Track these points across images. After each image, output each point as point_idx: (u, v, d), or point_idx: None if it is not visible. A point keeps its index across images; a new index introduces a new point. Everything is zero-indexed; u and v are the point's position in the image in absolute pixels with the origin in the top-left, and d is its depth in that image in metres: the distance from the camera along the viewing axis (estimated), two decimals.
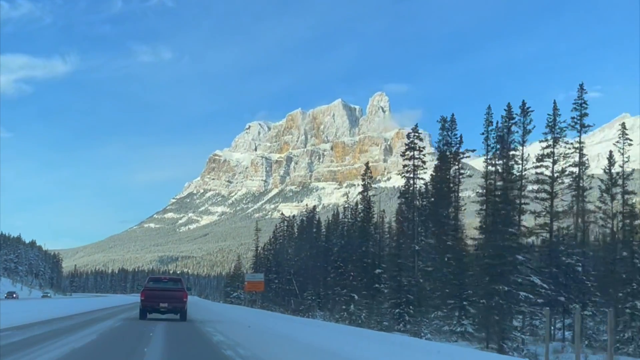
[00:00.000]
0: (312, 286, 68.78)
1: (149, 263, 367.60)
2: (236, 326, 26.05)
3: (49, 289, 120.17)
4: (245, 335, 20.85)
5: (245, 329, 24.14)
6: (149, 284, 29.61)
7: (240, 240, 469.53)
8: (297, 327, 27.51)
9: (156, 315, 28.85)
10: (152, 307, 27.95)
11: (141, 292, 28.73)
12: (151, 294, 28.00)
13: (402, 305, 38.67)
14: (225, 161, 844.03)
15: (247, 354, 14.10)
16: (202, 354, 14.37)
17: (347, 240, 59.15)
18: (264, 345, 16.89)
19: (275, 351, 15.53)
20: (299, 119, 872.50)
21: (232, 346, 15.92)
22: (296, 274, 78.34)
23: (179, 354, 14.15)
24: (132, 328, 22.09)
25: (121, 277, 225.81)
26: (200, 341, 17.61)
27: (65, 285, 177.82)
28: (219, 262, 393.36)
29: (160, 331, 20.56)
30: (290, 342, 18.96)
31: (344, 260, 55.93)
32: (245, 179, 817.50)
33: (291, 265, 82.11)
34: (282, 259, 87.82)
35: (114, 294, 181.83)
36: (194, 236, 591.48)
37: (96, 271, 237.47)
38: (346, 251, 57.14)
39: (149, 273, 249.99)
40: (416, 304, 39.10)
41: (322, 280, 66.55)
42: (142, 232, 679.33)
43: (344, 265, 55.64)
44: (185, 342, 17.00)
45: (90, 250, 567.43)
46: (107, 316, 30.60)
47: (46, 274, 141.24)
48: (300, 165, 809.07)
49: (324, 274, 66.57)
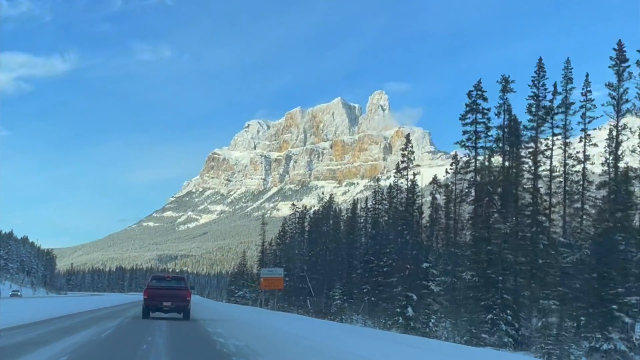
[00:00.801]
0: (334, 284, 60.51)
1: (147, 262, 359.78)
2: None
3: (41, 288, 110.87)
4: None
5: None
6: (152, 282, 29.39)
7: (239, 239, 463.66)
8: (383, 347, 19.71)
9: (159, 314, 28.46)
10: (155, 306, 27.79)
11: (144, 290, 28.55)
12: (154, 293, 27.81)
13: (495, 309, 29.77)
14: (225, 160, 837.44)
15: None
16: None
17: (381, 230, 51.43)
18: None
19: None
20: (299, 117, 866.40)
21: None
22: (310, 271, 70.29)
23: None
24: (127, 336, 18.11)
25: (119, 275, 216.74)
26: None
27: (61, 283, 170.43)
28: (219, 261, 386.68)
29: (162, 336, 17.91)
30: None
31: (375, 254, 48.25)
32: (244, 177, 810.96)
33: (304, 260, 74.31)
34: (293, 254, 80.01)
35: (111, 292, 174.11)
36: (193, 235, 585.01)
37: (93, 269, 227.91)
38: (378, 243, 49.53)
39: (148, 271, 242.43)
40: (514, 307, 30.14)
41: (347, 277, 58.49)
42: (141, 230, 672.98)
43: (375, 259, 47.96)
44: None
45: (88, 248, 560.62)
46: (90, 322, 24.36)
47: (39, 272, 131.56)
48: (300, 164, 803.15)
49: (348, 270, 58.78)
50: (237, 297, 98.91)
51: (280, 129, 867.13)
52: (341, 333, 23.13)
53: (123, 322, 24.37)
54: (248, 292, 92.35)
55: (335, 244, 66.51)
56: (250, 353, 13.47)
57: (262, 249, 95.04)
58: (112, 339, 16.27)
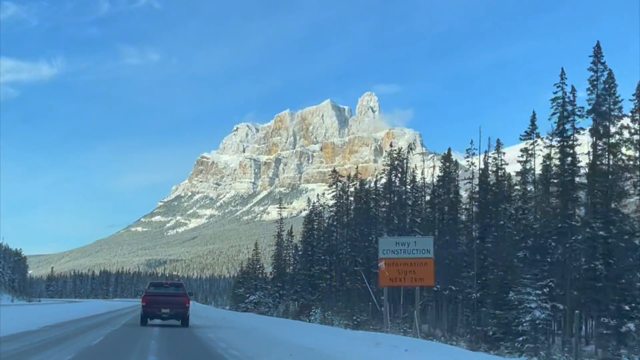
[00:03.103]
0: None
1: (136, 267, 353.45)
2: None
3: (6, 294, 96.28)
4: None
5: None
6: (150, 289, 29.27)
7: (230, 243, 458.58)
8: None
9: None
10: (153, 313, 27.77)
11: (142, 297, 28.49)
12: (152, 300, 27.70)
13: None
14: (213, 163, 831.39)
15: None
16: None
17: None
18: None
19: None
20: (288, 120, 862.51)
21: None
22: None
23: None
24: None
25: (103, 280, 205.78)
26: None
27: (40, 290, 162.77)
28: (210, 265, 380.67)
29: None
30: None
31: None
32: (233, 181, 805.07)
33: (360, 250, 53.69)
34: (336, 244, 61.58)
35: (94, 298, 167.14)
36: (183, 239, 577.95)
37: (75, 274, 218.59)
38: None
39: (135, 275, 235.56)
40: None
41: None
42: (129, 236, 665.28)
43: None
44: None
45: (76, 254, 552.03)
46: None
47: (5, 276, 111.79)
48: (290, 167, 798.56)
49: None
50: (249, 303, 76.87)
51: (270, 132, 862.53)
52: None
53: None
54: (264, 297, 74.80)
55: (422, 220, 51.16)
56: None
57: (277, 240, 77.42)
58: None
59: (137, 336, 22.12)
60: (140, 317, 28.30)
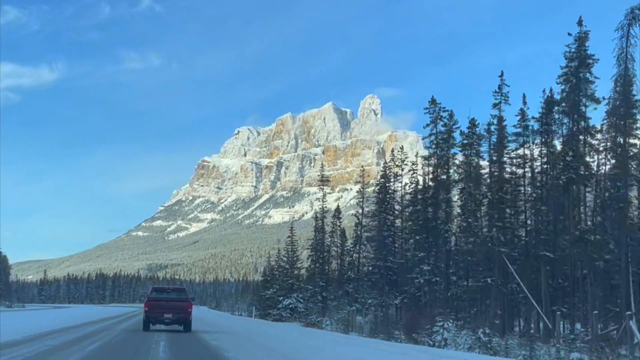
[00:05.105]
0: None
1: (136, 271, 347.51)
2: None
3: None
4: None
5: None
6: (153, 294, 29.66)
7: (231, 247, 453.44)
8: None
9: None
10: (156, 318, 27.90)
11: (145, 302, 28.54)
12: (155, 305, 27.87)
13: None
14: (215, 167, 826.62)
15: None
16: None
17: None
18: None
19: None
20: (289, 123, 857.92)
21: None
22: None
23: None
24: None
25: (99, 283, 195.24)
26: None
27: (32, 294, 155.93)
28: (212, 269, 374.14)
29: None
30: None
31: None
32: (235, 185, 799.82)
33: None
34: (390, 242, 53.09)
35: (90, 303, 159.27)
36: (184, 244, 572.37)
37: (69, 277, 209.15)
38: None
39: (134, 279, 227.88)
40: None
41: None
42: (130, 240, 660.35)
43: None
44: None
45: (77, 259, 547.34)
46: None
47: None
48: (291, 170, 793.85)
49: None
50: (282, 309, 57.64)
51: (271, 136, 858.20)
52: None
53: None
54: (302, 300, 58.15)
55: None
56: None
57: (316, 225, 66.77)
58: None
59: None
60: (143, 322, 28.43)
